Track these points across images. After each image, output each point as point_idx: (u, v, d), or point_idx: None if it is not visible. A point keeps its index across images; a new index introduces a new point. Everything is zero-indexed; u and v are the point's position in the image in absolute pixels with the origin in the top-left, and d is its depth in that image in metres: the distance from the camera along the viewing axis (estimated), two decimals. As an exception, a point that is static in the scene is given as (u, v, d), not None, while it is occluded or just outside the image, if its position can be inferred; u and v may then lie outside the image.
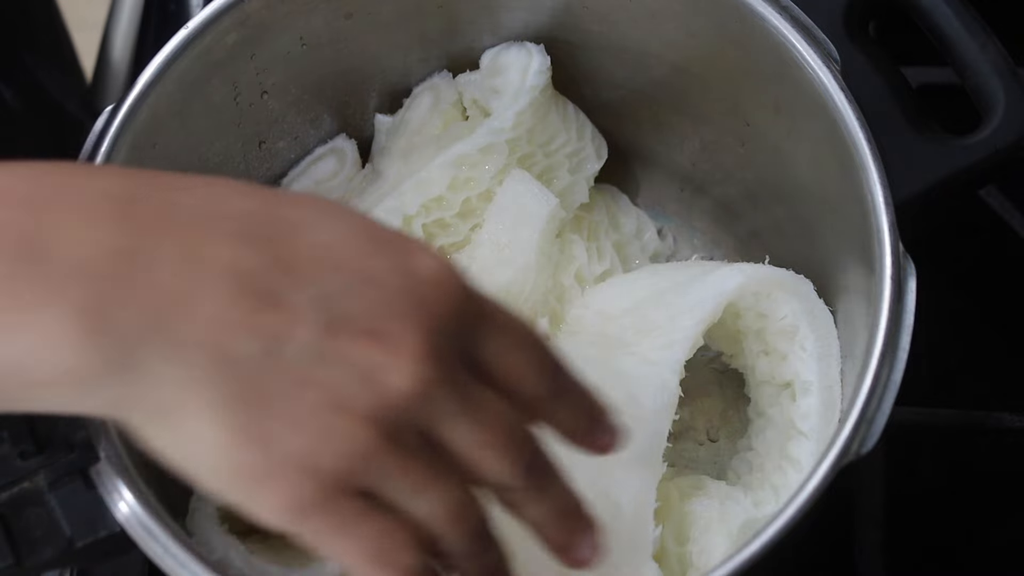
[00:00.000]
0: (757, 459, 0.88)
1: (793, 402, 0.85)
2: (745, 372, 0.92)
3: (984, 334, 1.07)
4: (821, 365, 0.84)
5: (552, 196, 0.91)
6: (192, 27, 0.84)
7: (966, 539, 0.98)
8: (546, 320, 0.90)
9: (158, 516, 0.72)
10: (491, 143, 0.92)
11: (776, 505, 0.82)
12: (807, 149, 0.86)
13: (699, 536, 0.82)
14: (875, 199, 0.77)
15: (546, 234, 0.91)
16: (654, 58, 0.93)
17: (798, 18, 0.82)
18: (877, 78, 0.84)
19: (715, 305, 0.84)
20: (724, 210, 1.00)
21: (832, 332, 0.85)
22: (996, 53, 0.83)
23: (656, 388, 0.83)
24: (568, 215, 0.96)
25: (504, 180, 0.92)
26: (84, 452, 0.73)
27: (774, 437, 0.87)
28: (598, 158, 0.98)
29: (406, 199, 0.92)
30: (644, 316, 0.87)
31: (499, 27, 0.95)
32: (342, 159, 0.98)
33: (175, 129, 0.86)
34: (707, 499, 0.83)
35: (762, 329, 0.87)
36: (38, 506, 0.73)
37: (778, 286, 0.85)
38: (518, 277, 0.90)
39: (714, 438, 0.95)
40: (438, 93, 0.97)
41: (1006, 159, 0.82)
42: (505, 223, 0.91)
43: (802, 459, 0.82)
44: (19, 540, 0.72)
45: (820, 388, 0.83)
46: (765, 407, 0.89)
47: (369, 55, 0.95)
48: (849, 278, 0.83)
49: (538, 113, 0.94)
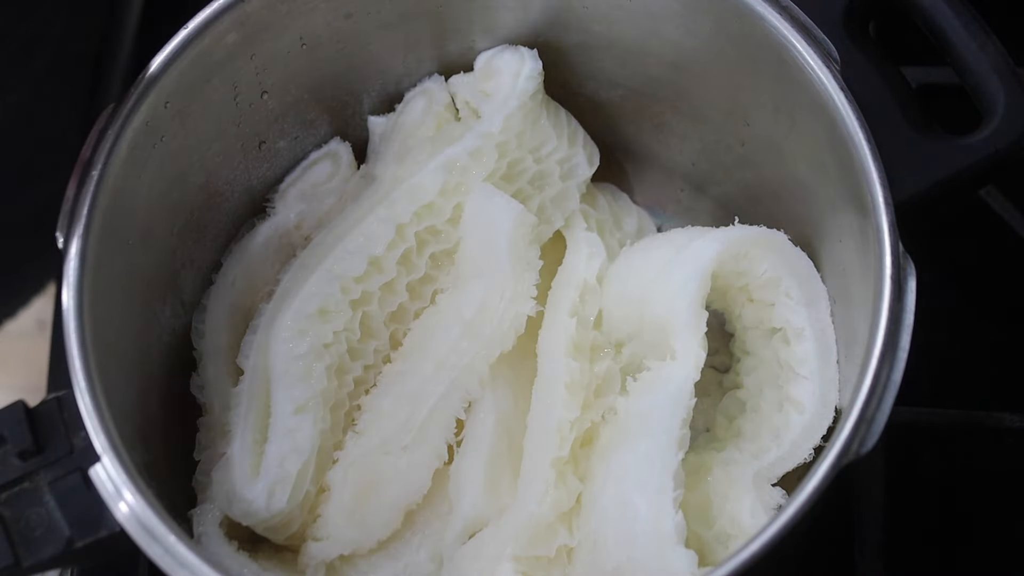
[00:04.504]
0: (750, 399, 0.89)
1: (788, 346, 0.86)
2: (731, 317, 0.93)
3: (984, 334, 1.08)
4: (811, 311, 0.85)
5: (517, 203, 0.91)
6: (192, 27, 0.84)
7: (966, 539, 0.99)
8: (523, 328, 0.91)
9: (158, 516, 0.72)
10: (480, 147, 0.92)
11: (778, 451, 0.83)
12: (807, 149, 0.86)
13: (721, 511, 0.82)
14: (875, 199, 0.78)
15: (516, 241, 0.91)
16: (654, 57, 0.93)
17: (798, 18, 0.82)
18: (877, 78, 0.84)
19: (700, 283, 0.85)
20: (724, 209, 1.00)
21: (814, 276, 0.87)
22: (996, 53, 0.83)
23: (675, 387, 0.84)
24: (559, 222, 0.96)
25: (469, 197, 0.92)
26: (84, 452, 0.74)
27: (767, 377, 0.88)
28: (590, 165, 0.99)
29: (398, 207, 0.92)
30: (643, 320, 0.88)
31: (497, 27, 0.95)
32: (337, 162, 0.98)
33: (175, 129, 0.86)
34: (711, 476, 0.84)
35: (746, 285, 0.88)
36: (38, 506, 0.73)
37: (753, 244, 0.86)
38: (493, 287, 0.90)
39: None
40: (431, 96, 0.97)
41: (1006, 159, 0.82)
42: (476, 237, 0.92)
43: (804, 400, 0.83)
44: (19, 540, 0.73)
45: (813, 332, 0.85)
46: (755, 348, 0.90)
47: (368, 55, 0.96)
48: (848, 277, 0.84)
49: (528, 118, 0.94)
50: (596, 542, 0.82)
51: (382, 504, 0.87)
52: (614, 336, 0.92)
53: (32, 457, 0.74)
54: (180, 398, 0.90)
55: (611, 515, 0.81)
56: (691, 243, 0.88)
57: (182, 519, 0.84)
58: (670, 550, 0.78)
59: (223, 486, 0.85)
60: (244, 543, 0.86)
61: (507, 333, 0.89)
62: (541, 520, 0.83)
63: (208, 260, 0.95)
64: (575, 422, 0.86)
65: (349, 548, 0.87)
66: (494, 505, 0.86)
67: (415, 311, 0.93)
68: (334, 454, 0.89)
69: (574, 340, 0.89)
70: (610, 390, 0.88)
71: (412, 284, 0.93)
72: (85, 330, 0.76)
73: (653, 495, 0.80)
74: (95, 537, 0.73)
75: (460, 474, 0.88)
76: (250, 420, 0.87)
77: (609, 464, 0.83)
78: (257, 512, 0.84)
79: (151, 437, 0.84)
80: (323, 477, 0.88)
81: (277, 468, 0.85)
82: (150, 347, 0.88)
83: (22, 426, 0.73)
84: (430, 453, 0.88)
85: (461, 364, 0.89)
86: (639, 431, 0.83)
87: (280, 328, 0.89)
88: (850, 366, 0.81)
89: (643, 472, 0.81)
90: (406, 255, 0.92)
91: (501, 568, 0.83)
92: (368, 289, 0.90)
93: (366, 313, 0.91)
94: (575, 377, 0.87)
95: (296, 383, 0.87)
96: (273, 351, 0.88)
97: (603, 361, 0.90)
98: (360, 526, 0.87)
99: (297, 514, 0.86)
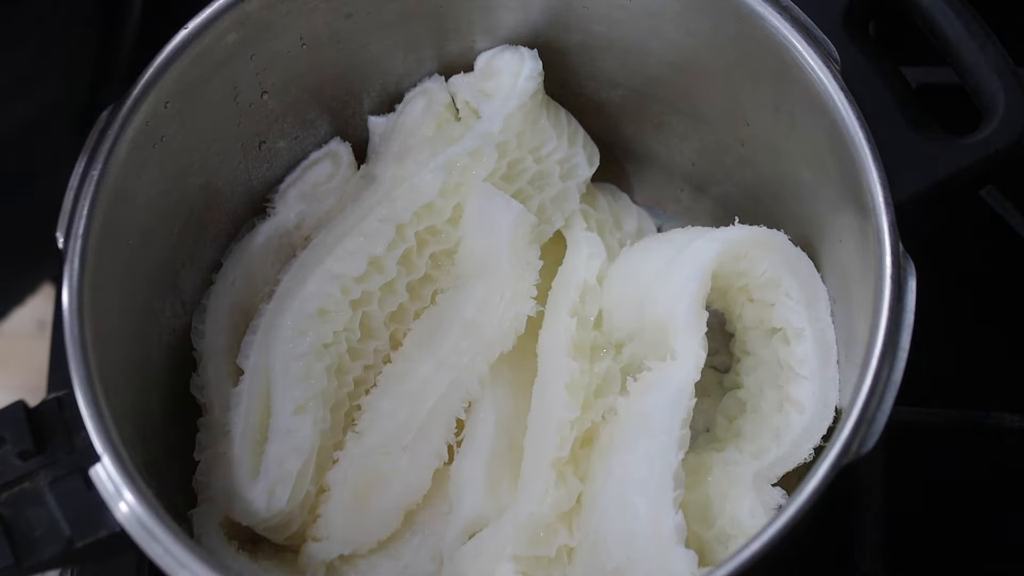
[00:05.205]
0: (750, 399, 0.89)
1: (788, 346, 0.86)
2: (731, 317, 0.93)
3: (984, 334, 1.08)
4: (811, 310, 0.85)
5: (517, 203, 0.92)
6: (192, 27, 0.84)
7: (966, 539, 0.98)
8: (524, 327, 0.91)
9: (158, 516, 0.72)
10: (479, 147, 0.92)
11: (778, 451, 0.83)
12: (807, 149, 0.86)
13: (721, 511, 0.82)
14: (875, 199, 0.78)
15: (516, 241, 0.91)
16: (654, 57, 0.93)
17: (798, 18, 0.82)
18: (877, 78, 0.84)
19: (700, 283, 0.85)
20: (724, 209, 1.00)
21: (814, 276, 0.87)
22: (996, 53, 0.83)
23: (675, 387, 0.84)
24: (559, 222, 0.96)
25: (470, 196, 0.92)
26: (84, 452, 0.74)
27: (767, 377, 0.88)
28: (590, 165, 0.99)
29: (399, 207, 0.92)
30: (643, 321, 0.88)
31: (497, 27, 0.95)
32: (337, 162, 0.98)
33: (175, 129, 0.86)
34: (711, 476, 0.84)
35: (746, 285, 0.88)
36: (38, 506, 0.73)
37: (753, 244, 0.86)
38: (493, 287, 0.90)
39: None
40: (431, 96, 0.97)
41: (1006, 159, 0.82)
42: (476, 238, 0.92)
43: (804, 400, 0.83)
44: (19, 540, 0.72)
45: (813, 332, 0.85)
46: (754, 348, 0.90)
47: (368, 55, 0.96)
48: (848, 277, 0.84)
49: (528, 118, 0.94)
50: (596, 542, 0.82)
51: (382, 504, 0.87)
52: (614, 336, 0.92)
53: (32, 457, 0.74)
54: (180, 398, 0.90)
55: (611, 515, 0.81)
56: (691, 243, 0.88)
57: (182, 519, 0.84)
58: (670, 550, 0.78)
59: (223, 486, 0.85)
60: (244, 543, 0.86)
61: (507, 333, 0.89)
62: (541, 520, 0.83)
63: (208, 260, 0.95)
64: (575, 422, 0.86)
65: (349, 548, 0.87)
66: (494, 505, 0.86)
67: (415, 311, 0.93)
68: (334, 454, 0.89)
69: (574, 340, 0.89)
70: (610, 390, 0.88)
71: (412, 284, 0.93)
72: (85, 330, 0.76)
73: (653, 495, 0.80)
74: (95, 537, 0.73)
75: (460, 474, 0.88)
76: (250, 420, 0.87)
77: (609, 464, 0.83)
78: (257, 512, 0.84)
79: (151, 437, 0.84)
80: (323, 477, 0.88)
81: (277, 468, 0.85)
82: (150, 347, 0.88)
83: (22, 426, 0.73)
84: (430, 453, 0.88)
85: (461, 364, 0.89)
86: (639, 431, 0.83)
87: (280, 328, 0.89)
88: (850, 366, 0.81)
89: (643, 472, 0.81)
90: (406, 255, 0.92)
91: (501, 568, 0.83)
92: (368, 289, 0.90)
93: (366, 313, 0.91)
94: (575, 377, 0.87)
95: (296, 383, 0.87)
96: (273, 351, 0.88)
97: (603, 361, 0.90)
98: (360, 526, 0.87)
99: (297, 514, 0.86)
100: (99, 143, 0.81)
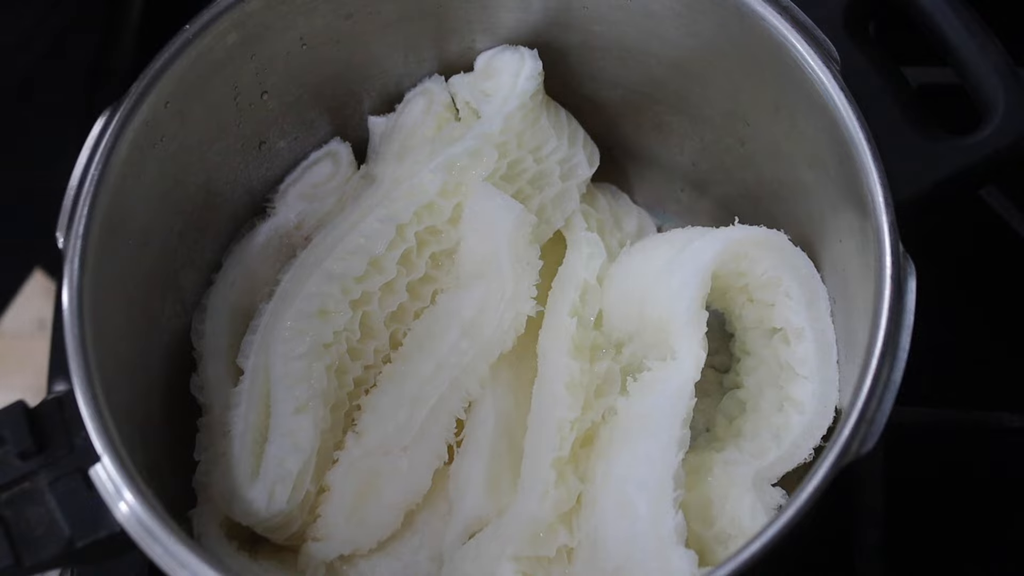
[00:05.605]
0: (750, 399, 0.89)
1: (788, 346, 0.86)
2: (731, 317, 0.93)
3: (984, 334, 1.08)
4: (811, 310, 0.85)
5: (517, 203, 0.92)
6: (192, 27, 0.84)
7: (966, 539, 0.98)
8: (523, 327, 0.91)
9: (158, 516, 0.72)
10: (479, 147, 0.92)
11: (778, 451, 0.83)
12: (807, 149, 0.86)
13: (721, 511, 0.82)
14: (875, 199, 0.78)
15: (516, 241, 0.91)
16: (654, 58, 0.93)
17: (798, 18, 0.82)
18: (877, 78, 0.84)
19: (699, 283, 0.85)
20: (724, 209, 1.00)
21: (814, 275, 0.87)
22: (996, 53, 0.83)
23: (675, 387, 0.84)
24: (559, 222, 0.96)
25: (470, 197, 0.92)
26: (84, 452, 0.74)
27: (767, 377, 0.88)
28: (590, 165, 0.99)
29: (399, 207, 0.92)
30: (643, 320, 0.88)
31: (497, 27, 0.95)
32: (337, 162, 0.98)
33: (175, 129, 0.86)
34: (711, 476, 0.84)
35: (746, 285, 0.88)
36: (38, 506, 0.73)
37: (753, 244, 0.87)
38: (493, 287, 0.90)
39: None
40: (431, 97, 0.97)
41: (1006, 159, 0.82)
42: (476, 238, 0.92)
43: (804, 400, 0.83)
44: (19, 540, 0.72)
45: (813, 332, 0.85)
46: (754, 348, 0.90)
47: (368, 55, 0.96)
48: (848, 277, 0.84)
49: (528, 118, 0.94)
50: (596, 542, 0.82)
51: (382, 504, 0.87)
52: (614, 336, 0.92)
53: (32, 457, 0.73)
54: (180, 398, 0.90)
55: (611, 515, 0.81)
56: (691, 243, 0.88)
57: (182, 519, 0.84)
58: (670, 550, 0.78)
59: (223, 486, 0.85)
60: (244, 543, 0.87)
61: (507, 333, 0.89)
62: (541, 520, 0.83)
63: (208, 260, 0.95)
64: (575, 422, 0.86)
65: (349, 548, 0.87)
66: (494, 505, 0.86)
67: (415, 311, 0.93)
68: (334, 454, 0.89)
69: (574, 340, 0.89)
70: (610, 390, 0.88)
71: (412, 284, 0.93)
72: (85, 330, 0.76)
73: (653, 495, 0.80)
74: (95, 537, 0.73)
75: (460, 474, 0.88)
76: (250, 420, 0.87)
77: (609, 464, 0.83)
78: (257, 512, 0.84)
79: (151, 437, 0.84)
80: (323, 477, 0.88)
81: (277, 468, 0.85)
82: (150, 347, 0.88)
83: (22, 426, 0.73)
84: (430, 453, 0.88)
85: (461, 364, 0.89)
86: (639, 431, 0.83)
87: (280, 328, 0.89)
88: (850, 366, 0.81)
89: (643, 472, 0.81)
90: (406, 255, 0.92)
91: (501, 568, 0.83)
92: (368, 289, 0.90)
93: (366, 313, 0.91)
94: (575, 377, 0.87)
95: (296, 383, 0.87)
96: (273, 351, 0.88)
97: (603, 361, 0.90)
98: (360, 526, 0.87)
99: (297, 514, 0.86)
100: (99, 143, 0.81)
